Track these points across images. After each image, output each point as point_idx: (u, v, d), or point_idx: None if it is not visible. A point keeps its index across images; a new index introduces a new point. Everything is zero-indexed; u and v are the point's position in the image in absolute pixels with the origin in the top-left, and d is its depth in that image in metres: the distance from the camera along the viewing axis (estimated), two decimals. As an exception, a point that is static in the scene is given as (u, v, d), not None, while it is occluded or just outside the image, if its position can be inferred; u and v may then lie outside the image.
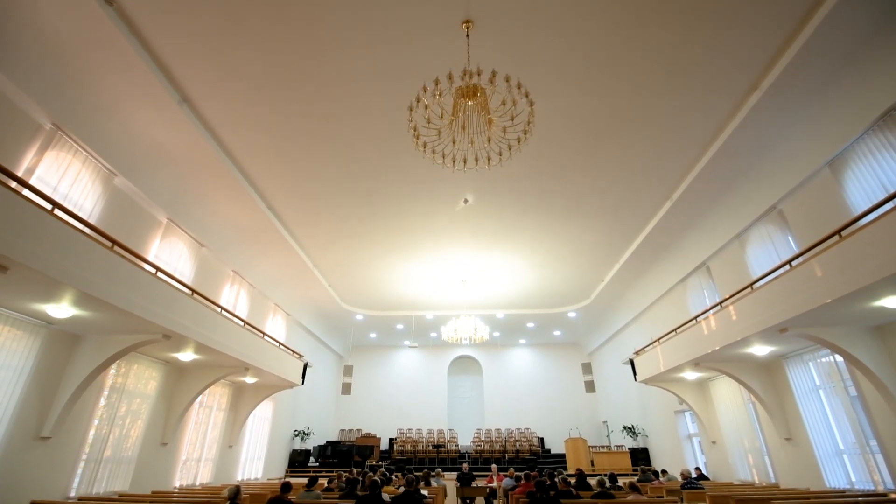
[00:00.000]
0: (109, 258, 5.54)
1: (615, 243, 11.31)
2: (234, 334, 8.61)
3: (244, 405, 11.34)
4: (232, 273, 10.91)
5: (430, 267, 12.83)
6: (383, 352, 21.02)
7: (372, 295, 15.14)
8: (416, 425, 19.08)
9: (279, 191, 9.19)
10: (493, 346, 20.56)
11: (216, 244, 9.92)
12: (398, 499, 5.65)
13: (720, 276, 10.02)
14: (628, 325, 15.37)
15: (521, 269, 13.11)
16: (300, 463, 14.66)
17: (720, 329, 7.83)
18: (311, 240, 11.24)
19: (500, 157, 4.91)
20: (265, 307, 12.77)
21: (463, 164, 5.09)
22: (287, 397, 14.38)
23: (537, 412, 19.40)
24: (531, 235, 10.97)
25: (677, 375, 10.35)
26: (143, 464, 7.95)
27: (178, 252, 8.95)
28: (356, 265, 12.78)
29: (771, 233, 8.53)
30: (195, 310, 7.28)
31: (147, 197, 7.90)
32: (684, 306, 11.36)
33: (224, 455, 10.67)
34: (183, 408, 8.74)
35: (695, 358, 8.72)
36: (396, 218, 10.21)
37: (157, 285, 6.35)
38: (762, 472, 8.97)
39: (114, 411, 7.26)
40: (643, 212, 9.84)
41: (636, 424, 15.08)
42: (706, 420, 10.81)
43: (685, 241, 10.57)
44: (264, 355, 9.80)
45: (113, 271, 5.57)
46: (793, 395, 8.11)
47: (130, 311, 5.79)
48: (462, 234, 10.92)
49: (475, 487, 11.64)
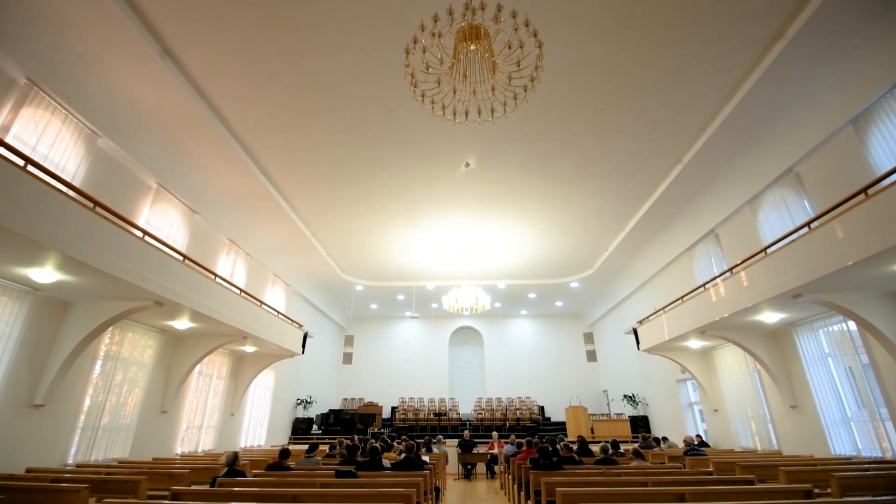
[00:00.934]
0: (92, 220, 5.26)
1: (621, 210, 10.97)
2: (231, 302, 8.43)
3: (245, 374, 11.31)
4: (228, 242, 10.65)
5: (430, 235, 12.55)
6: (385, 323, 21.02)
7: (372, 265, 14.93)
8: (417, 394, 19.26)
9: (272, 155, 8.81)
10: (494, 316, 20.53)
11: (210, 212, 9.62)
12: (398, 464, 5.56)
13: (729, 244, 9.73)
14: (631, 295, 15.21)
15: (524, 238, 12.82)
16: (303, 430, 14.82)
17: (729, 296, 7.60)
18: (308, 207, 10.92)
19: (504, 109, 4.55)
20: (264, 277, 12.58)
21: (465, 116, 4.72)
22: (289, 367, 14.39)
23: (538, 382, 19.54)
24: (534, 201, 10.62)
25: (681, 344, 10.22)
26: (142, 431, 7.91)
27: (170, 219, 8.66)
28: (355, 234, 12.51)
29: (785, 197, 8.19)
30: (188, 276, 7.06)
31: (134, 160, 7.56)
32: (690, 275, 11.13)
33: (226, 423, 10.70)
34: (182, 376, 8.66)
35: (701, 326, 8.54)
36: (395, 183, 9.86)
37: (145, 250, 6.10)
38: (765, 439, 8.94)
39: (109, 379, 7.15)
40: (652, 176, 9.46)
41: (636, 393, 15.14)
42: (709, 388, 10.75)
43: (694, 208, 10.23)
44: (263, 324, 9.65)
45: (96, 234, 5.30)
46: (801, 362, 7.95)
47: (117, 275, 5.56)
48: (464, 200, 10.58)
49: (476, 454, 11.74)
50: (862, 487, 4.62)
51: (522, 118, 7.68)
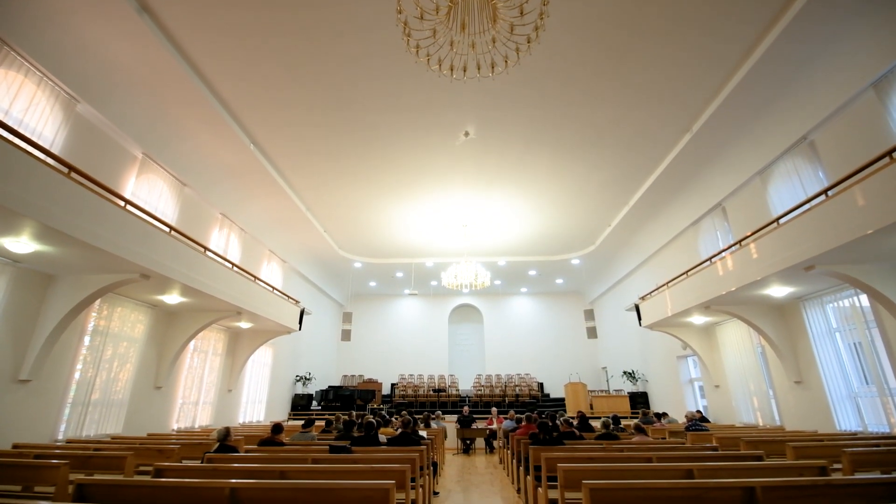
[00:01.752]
0: (66, 186, 4.96)
1: (626, 183, 10.62)
2: (224, 277, 8.19)
3: (241, 350, 11.18)
4: (220, 216, 10.34)
5: (429, 210, 12.23)
6: (384, 300, 20.89)
7: (370, 242, 14.66)
8: (417, 371, 19.28)
9: (262, 123, 8.41)
10: (493, 294, 20.39)
11: (200, 184, 9.29)
12: (395, 439, 5.42)
13: (737, 218, 9.43)
14: (632, 272, 14.99)
15: (525, 213, 12.50)
16: (303, 407, 14.84)
17: (738, 269, 7.35)
18: (303, 180, 10.57)
19: (506, 63, 4.18)
20: (259, 253, 12.32)
21: (463, 72, 4.36)
22: (287, 344, 14.29)
23: (537, 359, 19.54)
24: (536, 174, 10.26)
25: (684, 320, 10.04)
26: (136, 407, 7.79)
27: (157, 190, 8.34)
28: (352, 209, 12.18)
29: (798, 167, 7.84)
30: (175, 249, 6.79)
31: (117, 128, 7.20)
32: (695, 251, 10.86)
33: (223, 399, 10.62)
34: (175, 352, 8.50)
35: (706, 301, 8.33)
36: (393, 154, 9.49)
37: (127, 220, 5.81)
38: (767, 415, 8.84)
39: (99, 354, 6.97)
40: (659, 146, 9.09)
41: (636, 370, 15.09)
42: (710, 364, 10.63)
43: (701, 180, 9.89)
44: (258, 300, 9.45)
45: (72, 201, 5.00)
46: (808, 337, 7.77)
47: (97, 245, 5.29)
48: (463, 172, 10.22)
49: (475, 429, 11.73)
50: (873, 463, 4.46)
51: (524, 83, 7.28)
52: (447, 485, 7.41)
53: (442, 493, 6.78)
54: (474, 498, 6.40)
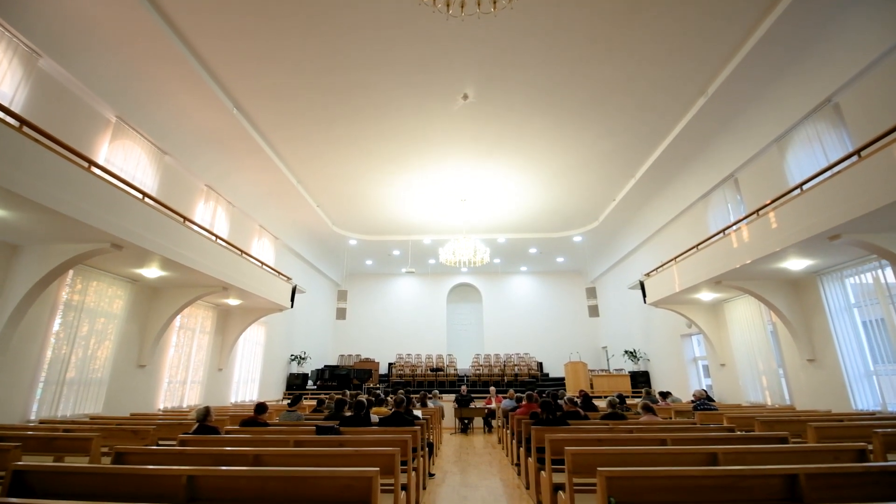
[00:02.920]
0: (20, 142, 4.44)
1: (633, 152, 10.07)
2: (207, 250, 7.72)
3: (232, 329, 10.80)
4: (205, 188, 9.81)
5: (426, 183, 11.69)
6: (381, 279, 20.50)
7: (365, 217, 14.15)
8: (415, 351, 19.02)
9: (244, 84, 7.81)
10: (493, 273, 20.01)
11: (182, 152, 8.73)
12: (386, 420, 5.05)
13: (750, 189, 8.93)
14: (635, 250, 14.55)
15: (526, 187, 11.97)
16: (298, 386, 14.57)
17: (754, 241, 6.89)
18: (292, 150, 9.99)
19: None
20: (249, 228, 11.83)
21: (461, 8, 3.81)
22: (280, 323, 13.93)
23: (537, 338, 19.28)
24: (539, 142, 9.70)
25: (691, 297, 9.65)
26: (117, 386, 7.42)
27: (134, 158, 7.79)
28: (345, 182, 11.64)
29: (820, 132, 7.31)
30: (151, 218, 6.30)
31: (86, 87, 6.63)
32: (703, 226, 10.39)
33: (213, 378, 10.29)
34: (159, 329, 8.10)
35: (717, 276, 7.91)
36: (385, 121, 8.91)
37: (92, 183, 5.30)
38: (776, 394, 8.52)
39: (73, 331, 6.55)
40: (670, 111, 8.52)
41: (638, 349, 14.80)
42: (717, 343, 10.28)
43: (713, 149, 9.35)
44: (246, 276, 9.00)
45: (27, 159, 4.49)
46: (825, 313, 7.37)
47: (60, 210, 4.81)
48: (461, 141, 9.65)
49: (473, 408, 11.46)
50: (907, 445, 4.09)
51: (529, 33, 6.67)
52: (444, 465, 7.11)
53: (438, 474, 6.47)
54: (472, 479, 6.09)
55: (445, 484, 5.79)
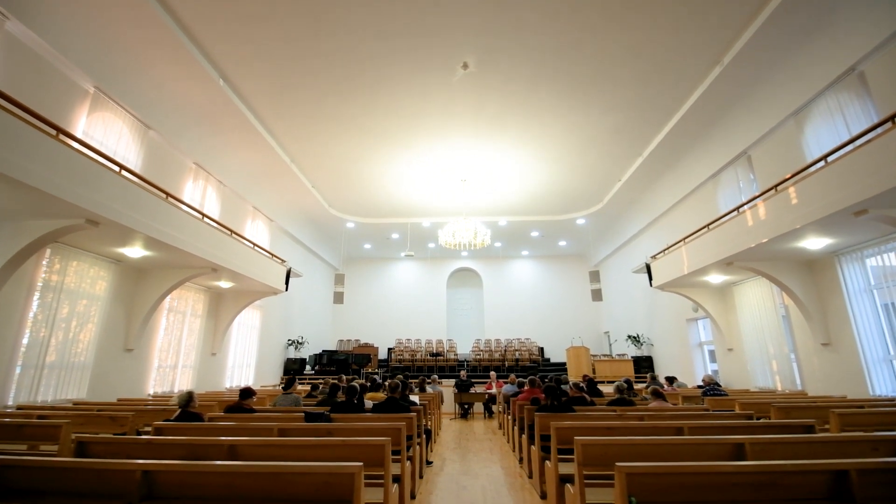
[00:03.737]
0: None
1: (641, 128, 9.61)
2: (194, 229, 7.35)
3: (225, 312, 10.49)
4: (194, 166, 9.40)
5: (425, 162, 11.25)
6: (380, 264, 20.18)
7: (363, 199, 13.73)
8: (414, 336, 18.79)
9: (228, 51, 7.33)
10: (494, 257, 19.67)
11: (167, 128, 8.30)
12: (380, 406, 4.75)
13: (764, 167, 8.51)
14: (640, 233, 14.17)
15: (529, 166, 11.53)
16: (295, 371, 14.35)
17: (771, 218, 6.50)
18: (284, 126, 9.54)
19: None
20: (242, 210, 11.44)
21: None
22: (277, 307, 13.65)
23: (538, 323, 19.03)
24: (543, 117, 9.24)
25: (700, 279, 9.30)
26: (102, 370, 7.13)
27: (115, 132, 7.37)
28: (341, 161, 11.20)
29: (843, 103, 6.86)
30: (130, 193, 5.92)
31: (59, 54, 6.18)
32: (712, 207, 9.98)
33: (206, 362, 10.02)
34: (146, 312, 7.78)
35: (728, 256, 7.54)
36: (382, 95, 8.45)
37: (62, 153, 4.90)
38: (787, 379, 8.23)
39: (52, 313, 6.23)
40: (682, 83, 8.05)
41: (641, 333, 14.52)
42: (724, 327, 9.97)
43: (726, 124, 8.90)
44: (237, 257, 8.65)
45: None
46: (842, 296, 7.02)
47: (27, 182, 4.43)
48: (461, 115, 9.18)
49: (473, 394, 11.23)
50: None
51: (532, 5, 6.20)
52: (443, 452, 6.85)
53: (437, 461, 6.21)
54: (472, 467, 5.82)
55: (444, 472, 5.52)
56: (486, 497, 4.40)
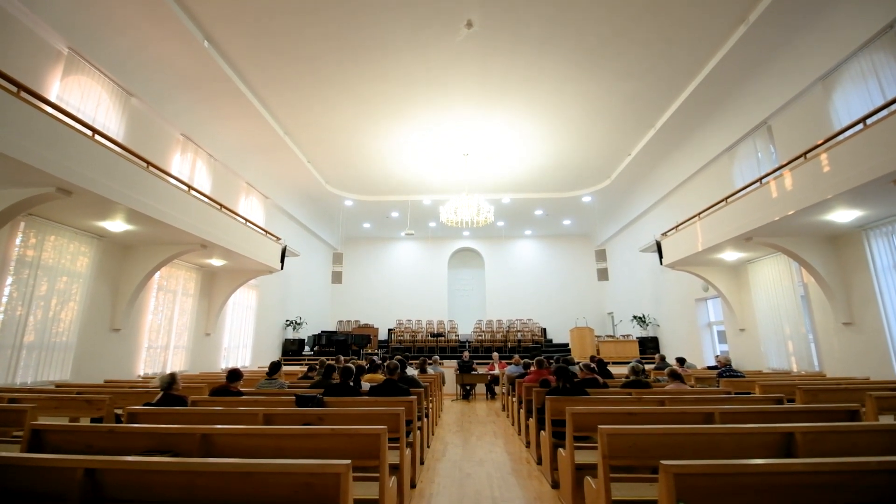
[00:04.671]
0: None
1: (655, 97, 9.05)
2: (181, 202, 6.91)
3: (219, 292, 10.13)
4: (181, 137, 8.90)
5: (426, 133, 10.71)
6: (380, 244, 19.76)
7: (361, 175, 13.22)
8: (415, 316, 18.50)
9: (213, 12, 6.77)
10: (496, 237, 19.24)
11: (150, 95, 7.78)
12: (377, 388, 4.39)
13: (785, 137, 8.00)
14: (649, 210, 13.70)
15: (534, 140, 11.00)
16: (294, 352, 14.10)
17: (798, 189, 6.03)
18: (275, 92, 8.99)
19: None
20: (234, 186, 10.97)
21: None
22: (274, 287, 13.29)
23: (541, 304, 18.72)
24: (550, 83, 8.68)
25: (714, 257, 8.88)
26: (87, 351, 6.79)
27: (93, 97, 6.87)
28: (337, 132, 10.67)
29: (877, 65, 6.33)
30: (106, 160, 5.45)
31: (27, 9, 5.64)
32: (727, 182, 9.49)
33: (200, 343, 9.70)
34: (133, 290, 7.40)
35: (748, 231, 7.09)
36: (380, 53, 7.88)
37: (23, 111, 4.43)
38: (804, 360, 7.89)
39: (29, 290, 5.84)
40: (702, 45, 7.48)
41: (647, 314, 14.19)
42: (737, 306, 9.60)
43: (745, 92, 8.36)
44: (228, 233, 8.22)
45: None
46: (869, 272, 6.61)
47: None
48: (464, 82, 8.62)
49: (476, 375, 10.95)
50: None
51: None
52: (445, 436, 6.55)
53: (439, 445, 5.90)
54: (476, 452, 5.51)
55: (446, 458, 5.21)
56: (493, 486, 4.08)
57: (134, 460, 1.83)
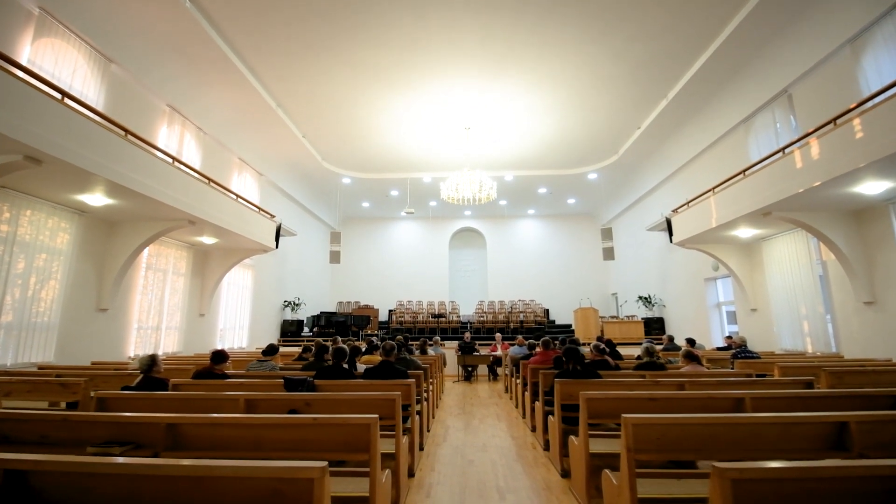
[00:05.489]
0: None
1: (670, 64, 8.51)
2: (165, 175, 6.52)
3: (212, 271, 9.80)
4: (167, 109, 8.44)
5: (425, 105, 10.20)
6: (380, 224, 19.36)
7: (359, 150, 12.74)
8: (416, 297, 18.24)
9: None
10: (498, 216, 18.83)
11: (132, 61, 7.31)
12: (373, 370, 4.08)
13: (807, 107, 7.51)
14: (656, 188, 13.25)
15: (538, 112, 10.49)
16: (293, 333, 13.88)
17: (825, 159, 5.61)
18: (265, 59, 8.47)
19: None
20: (226, 161, 10.53)
21: None
22: (271, 266, 12.98)
23: (543, 285, 18.42)
24: (557, 48, 8.15)
25: (727, 234, 8.50)
26: (71, 332, 6.50)
27: (69, 63, 6.41)
28: (333, 104, 10.17)
29: (917, 23, 5.82)
30: (79, 126, 5.05)
31: (-13, -39, 5.16)
32: (742, 155, 9.03)
33: (194, 324, 9.43)
34: (119, 268, 7.07)
35: (767, 205, 6.69)
36: (372, 16, 7.36)
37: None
38: (819, 341, 7.58)
39: (5, 267, 5.51)
40: (722, 4, 6.94)
41: (653, 294, 13.87)
42: (749, 286, 9.26)
43: (765, 58, 7.84)
44: (219, 209, 7.84)
45: None
46: (895, 250, 6.23)
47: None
48: (465, 47, 8.09)
49: (478, 356, 10.71)
50: None
51: None
52: (446, 419, 6.30)
53: (440, 429, 5.65)
54: (479, 437, 5.24)
55: (447, 443, 4.94)
56: (498, 474, 3.80)
57: (60, 460, 1.50)
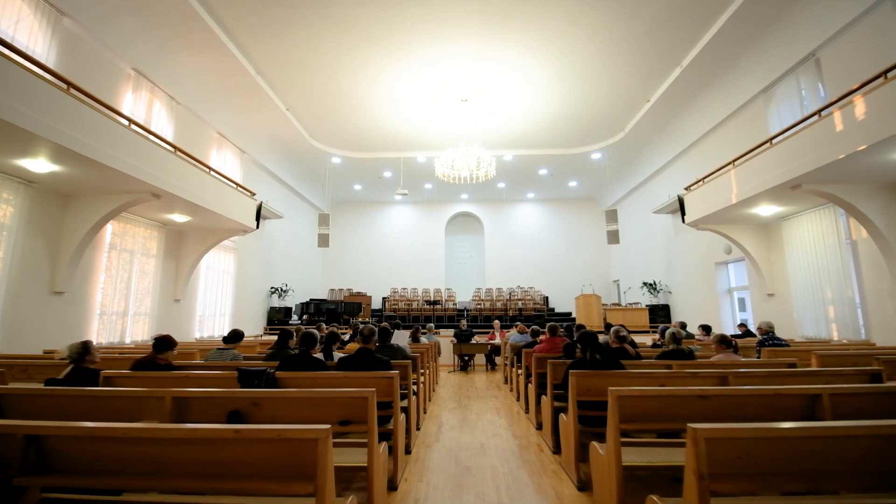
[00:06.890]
0: None
1: (685, 27, 7.75)
2: (121, 139, 5.74)
3: (187, 253, 9.06)
4: (132, 72, 7.62)
5: (419, 74, 9.41)
6: (372, 207, 18.59)
7: (349, 126, 11.94)
8: (411, 284, 17.57)
9: None
10: (496, 200, 18.11)
11: (87, 13, 6.46)
12: (348, 359, 3.40)
13: (837, 71, 6.80)
14: (664, 167, 12.56)
15: (539, 83, 9.72)
16: (280, 321, 13.20)
17: (871, 119, 4.92)
18: (239, 16, 7.65)
19: None
20: (203, 135, 9.73)
21: None
22: (255, 250, 12.25)
23: (543, 272, 17.77)
24: (561, 10, 7.37)
25: (746, 212, 7.83)
26: (20, 317, 5.78)
27: (9, 10, 5.58)
28: (317, 73, 9.34)
29: (977, -35, 5.09)
30: (11, 75, 4.27)
31: None
32: (761, 129, 8.33)
33: (169, 310, 8.72)
34: (75, 246, 6.32)
35: (797, 177, 6.01)
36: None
37: None
38: (846, 328, 6.96)
39: (-71, 242, 4.77)
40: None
41: (658, 280, 13.25)
42: (766, 269, 8.63)
43: (791, 19, 7.11)
44: (186, 182, 7.08)
45: None
46: (943, 224, 5.59)
47: None
48: (462, 7, 7.31)
49: (475, 344, 10.07)
50: None
51: None
52: (440, 414, 5.66)
53: (433, 426, 5.00)
54: (477, 436, 4.60)
55: (440, 443, 4.28)
56: (500, 486, 3.14)
57: None
